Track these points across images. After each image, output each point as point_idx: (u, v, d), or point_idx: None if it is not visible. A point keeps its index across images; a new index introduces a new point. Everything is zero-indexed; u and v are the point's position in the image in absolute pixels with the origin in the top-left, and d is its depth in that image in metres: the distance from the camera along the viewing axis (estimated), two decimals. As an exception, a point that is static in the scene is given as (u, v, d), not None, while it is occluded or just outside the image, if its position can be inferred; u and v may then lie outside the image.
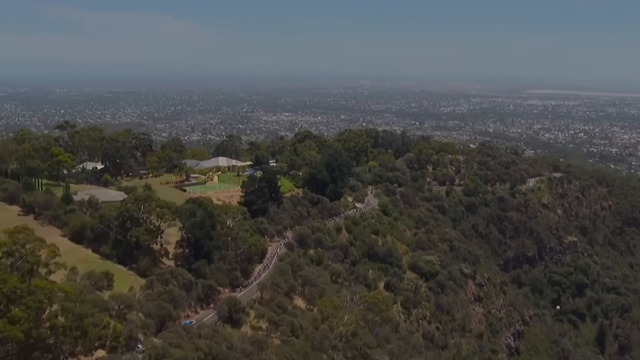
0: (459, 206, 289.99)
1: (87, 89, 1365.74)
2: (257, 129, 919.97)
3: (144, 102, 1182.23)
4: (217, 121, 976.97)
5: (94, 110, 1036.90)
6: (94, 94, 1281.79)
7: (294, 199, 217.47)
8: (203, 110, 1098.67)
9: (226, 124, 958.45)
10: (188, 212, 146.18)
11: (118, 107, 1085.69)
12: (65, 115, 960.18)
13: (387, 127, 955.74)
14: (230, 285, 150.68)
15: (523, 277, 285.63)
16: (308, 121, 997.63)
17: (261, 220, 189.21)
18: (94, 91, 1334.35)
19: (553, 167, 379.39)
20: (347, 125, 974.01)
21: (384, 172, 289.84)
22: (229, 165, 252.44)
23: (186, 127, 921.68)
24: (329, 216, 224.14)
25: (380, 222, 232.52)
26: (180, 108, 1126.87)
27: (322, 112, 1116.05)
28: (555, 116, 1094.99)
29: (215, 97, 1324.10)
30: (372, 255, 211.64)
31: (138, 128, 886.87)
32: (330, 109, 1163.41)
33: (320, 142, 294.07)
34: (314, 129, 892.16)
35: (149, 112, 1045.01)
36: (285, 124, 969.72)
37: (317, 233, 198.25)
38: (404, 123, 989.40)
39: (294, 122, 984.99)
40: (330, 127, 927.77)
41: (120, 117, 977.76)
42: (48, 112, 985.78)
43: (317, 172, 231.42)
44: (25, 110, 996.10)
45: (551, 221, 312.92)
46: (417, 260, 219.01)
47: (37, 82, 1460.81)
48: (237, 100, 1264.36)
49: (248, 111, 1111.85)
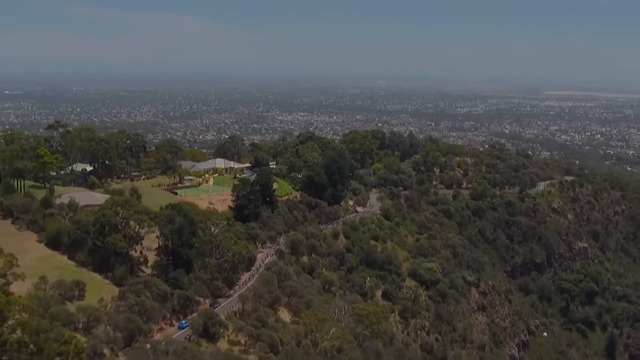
0: (465, 210, 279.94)
1: (104, 88, 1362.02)
2: (271, 128, 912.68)
3: (160, 101, 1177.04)
4: (232, 120, 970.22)
5: (109, 109, 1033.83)
6: (110, 93, 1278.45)
7: (289, 203, 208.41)
8: (219, 110, 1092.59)
9: (241, 123, 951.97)
10: (166, 219, 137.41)
11: (134, 106, 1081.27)
12: (81, 114, 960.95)
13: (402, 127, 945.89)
14: (212, 296, 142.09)
15: (531, 284, 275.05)
16: (323, 121, 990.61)
17: (252, 226, 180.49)
18: (111, 90, 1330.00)
19: (565, 170, 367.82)
20: (363, 126, 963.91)
21: (389, 175, 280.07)
22: (226, 167, 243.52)
23: (201, 126, 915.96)
24: (327, 221, 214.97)
25: (380, 228, 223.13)
26: (196, 107, 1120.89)
27: (338, 112, 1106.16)
28: (572, 117, 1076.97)
29: (232, 96, 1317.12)
30: (370, 262, 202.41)
31: (153, 127, 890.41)
32: (346, 109, 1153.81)
33: (324, 143, 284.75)
34: (329, 129, 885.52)
35: (164, 111, 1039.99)
36: (300, 123, 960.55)
37: (311, 239, 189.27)
38: (419, 124, 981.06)
39: (309, 121, 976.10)
40: (345, 127, 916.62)
41: (135, 116, 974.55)
42: (64, 111, 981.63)
43: (316, 176, 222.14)
44: (41, 109, 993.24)
45: (561, 226, 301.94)
46: (418, 267, 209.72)
47: (55, 81, 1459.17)
48: (253, 100, 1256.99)
49: (264, 110, 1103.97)
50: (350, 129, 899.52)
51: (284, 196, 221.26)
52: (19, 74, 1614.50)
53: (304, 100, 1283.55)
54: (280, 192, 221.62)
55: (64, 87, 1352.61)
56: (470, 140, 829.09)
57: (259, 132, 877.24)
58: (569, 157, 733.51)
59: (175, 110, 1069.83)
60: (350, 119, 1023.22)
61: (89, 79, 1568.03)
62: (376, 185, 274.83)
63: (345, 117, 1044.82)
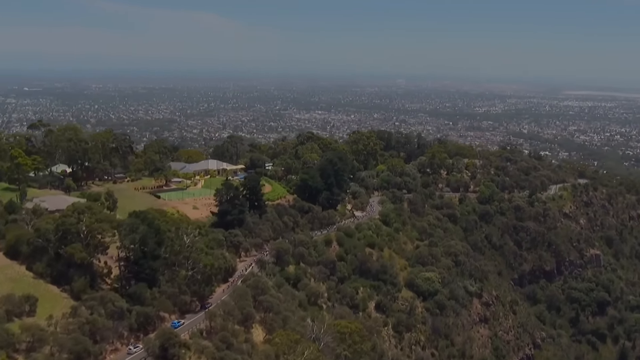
0: (472, 215, 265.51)
1: (122, 85, 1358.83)
2: (288, 126, 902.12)
3: (178, 99, 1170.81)
4: (249, 118, 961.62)
5: (127, 106, 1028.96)
6: (129, 90, 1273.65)
7: (279, 208, 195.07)
8: (236, 107, 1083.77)
9: (258, 121, 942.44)
10: (128, 228, 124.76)
11: (152, 103, 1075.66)
12: (98, 111, 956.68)
13: (419, 126, 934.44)
14: (180, 312, 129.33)
15: (539, 293, 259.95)
16: (340, 119, 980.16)
17: (235, 233, 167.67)
18: (129, 87, 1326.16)
19: (579, 172, 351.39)
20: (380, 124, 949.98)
21: (392, 178, 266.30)
22: (218, 168, 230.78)
23: (217, 124, 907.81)
24: (321, 227, 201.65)
25: (378, 234, 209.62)
26: (213, 105, 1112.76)
27: (355, 110, 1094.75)
28: (592, 118, 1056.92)
29: (250, 94, 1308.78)
30: (363, 271, 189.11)
31: (169, 124, 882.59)
32: (364, 108, 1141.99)
33: (325, 144, 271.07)
34: (345, 127, 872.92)
35: (182, 109, 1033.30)
36: (317, 122, 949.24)
37: (299, 247, 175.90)
38: (437, 123, 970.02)
39: (327, 120, 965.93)
40: (363, 125, 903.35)
41: (152, 113, 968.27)
42: (82, 108, 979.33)
43: (309, 179, 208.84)
44: (59, 105, 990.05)
45: (572, 232, 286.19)
46: (415, 277, 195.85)
47: (75, 78, 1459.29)
48: (271, 98, 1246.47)
49: (281, 109, 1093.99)
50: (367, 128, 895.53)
51: (277, 199, 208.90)
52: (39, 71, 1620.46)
53: (322, 99, 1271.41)
54: (273, 196, 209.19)
55: (83, 84, 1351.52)
56: (488, 140, 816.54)
57: (276, 130, 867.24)
58: (587, 157, 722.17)
59: (193, 107, 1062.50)
60: (367, 117, 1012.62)
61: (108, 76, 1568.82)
62: (379, 188, 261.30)
63: (362, 115, 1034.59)
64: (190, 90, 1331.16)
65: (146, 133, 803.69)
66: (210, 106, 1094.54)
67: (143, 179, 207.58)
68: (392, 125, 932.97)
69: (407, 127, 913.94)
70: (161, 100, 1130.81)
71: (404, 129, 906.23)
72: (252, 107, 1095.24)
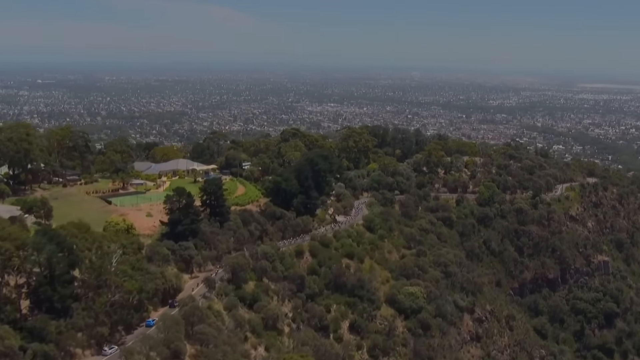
0: (469, 218, 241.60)
1: (136, 77, 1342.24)
2: (300, 119, 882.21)
3: (190, 91, 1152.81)
4: (260, 111, 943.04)
5: (139, 98, 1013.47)
6: (141, 82, 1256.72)
7: (245, 215, 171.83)
8: (248, 100, 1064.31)
9: (269, 113, 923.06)
10: (31, 249, 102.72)
11: (164, 96, 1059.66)
12: (110, 103, 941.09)
13: (432, 119, 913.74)
14: (97, 345, 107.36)
15: (541, 304, 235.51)
16: (353, 112, 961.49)
17: (186, 245, 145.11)
18: (142, 79, 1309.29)
19: (588, 171, 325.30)
20: (393, 117, 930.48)
21: (383, 177, 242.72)
22: (189, 168, 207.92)
23: (229, 116, 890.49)
24: (294, 235, 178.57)
25: (359, 242, 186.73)
26: (226, 97, 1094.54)
27: (368, 103, 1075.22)
28: (607, 111, 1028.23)
29: (263, 86, 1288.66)
30: (338, 285, 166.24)
31: (180, 117, 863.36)
32: (377, 100, 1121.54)
33: (311, 141, 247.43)
34: (357, 120, 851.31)
35: (194, 101, 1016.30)
36: (329, 114, 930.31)
37: (262, 260, 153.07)
38: (450, 116, 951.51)
39: (339, 113, 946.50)
40: (375, 118, 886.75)
41: (164, 106, 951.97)
42: (94, 100, 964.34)
43: (282, 181, 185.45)
44: (71, 98, 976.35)
45: (578, 237, 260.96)
46: (397, 292, 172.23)
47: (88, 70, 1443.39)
48: (284, 90, 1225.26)
49: (293, 101, 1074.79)
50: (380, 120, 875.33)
51: (248, 204, 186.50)
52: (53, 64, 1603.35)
53: (335, 91, 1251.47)
54: (244, 200, 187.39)
55: (97, 76, 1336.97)
56: (501, 133, 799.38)
57: (287, 123, 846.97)
58: (602, 151, 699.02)
59: (205, 100, 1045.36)
60: (380, 110, 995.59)
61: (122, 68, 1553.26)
62: (368, 189, 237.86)
63: (375, 108, 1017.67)
64: (203, 82, 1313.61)
65: (156, 125, 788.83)
66: (223, 99, 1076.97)
67: (100, 182, 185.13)
68: (404, 118, 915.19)
69: (419, 120, 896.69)
70: (173, 92, 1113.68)
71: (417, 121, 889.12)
72: (264, 99, 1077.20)
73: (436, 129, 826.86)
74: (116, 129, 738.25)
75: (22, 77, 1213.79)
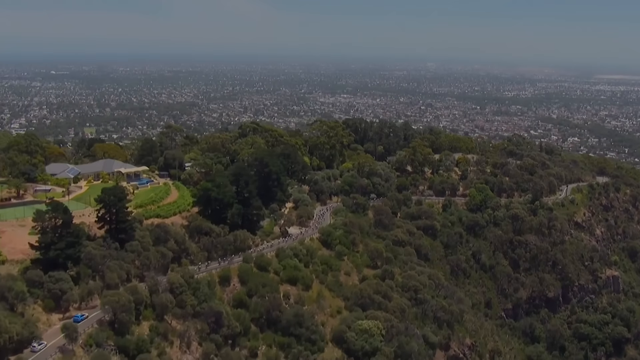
0: (457, 226, 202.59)
1: (150, 68, 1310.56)
2: (311, 110, 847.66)
3: (203, 82, 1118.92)
4: (272, 102, 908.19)
5: (151, 90, 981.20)
6: (155, 73, 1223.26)
7: (159, 231, 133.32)
8: (261, 91, 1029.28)
9: (281, 105, 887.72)
10: None
11: (176, 87, 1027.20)
12: (121, 94, 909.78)
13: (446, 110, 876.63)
14: None
15: (538, 328, 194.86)
16: (365, 103, 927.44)
17: (57, 277, 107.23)
18: (156, 70, 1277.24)
19: (598, 169, 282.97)
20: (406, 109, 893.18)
21: (357, 179, 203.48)
22: (115, 170, 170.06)
23: (239, 107, 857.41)
24: (224, 255, 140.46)
25: (309, 262, 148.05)
26: (238, 88, 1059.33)
27: (382, 94, 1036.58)
28: (624, 102, 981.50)
29: (276, 77, 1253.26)
30: (271, 321, 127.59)
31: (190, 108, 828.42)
32: (391, 91, 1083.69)
33: (274, 137, 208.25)
34: (370, 111, 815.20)
35: (205, 92, 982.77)
36: (341, 106, 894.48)
37: (163, 294, 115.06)
38: (464, 107, 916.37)
39: (351, 104, 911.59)
40: (387, 110, 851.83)
41: (175, 97, 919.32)
42: (105, 91, 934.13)
43: (213, 188, 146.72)
44: (83, 89, 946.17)
45: (584, 248, 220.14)
46: (348, 328, 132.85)
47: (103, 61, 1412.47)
48: (298, 81, 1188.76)
49: (306, 92, 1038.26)
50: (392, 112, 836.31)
51: (175, 214, 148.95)
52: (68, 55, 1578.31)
53: (349, 82, 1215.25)
54: (168, 210, 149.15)
55: (111, 67, 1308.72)
56: (515, 125, 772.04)
57: (298, 114, 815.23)
58: (618, 144, 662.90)
59: (217, 91, 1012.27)
60: (393, 101, 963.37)
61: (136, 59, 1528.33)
62: (339, 193, 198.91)
63: (388, 99, 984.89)
64: (217, 73, 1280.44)
65: (164, 117, 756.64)
66: (235, 89, 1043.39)
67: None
68: (417, 109, 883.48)
69: (432, 112, 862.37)
70: (186, 83, 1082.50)
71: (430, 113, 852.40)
72: (277, 90, 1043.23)
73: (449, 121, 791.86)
74: (124, 120, 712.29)
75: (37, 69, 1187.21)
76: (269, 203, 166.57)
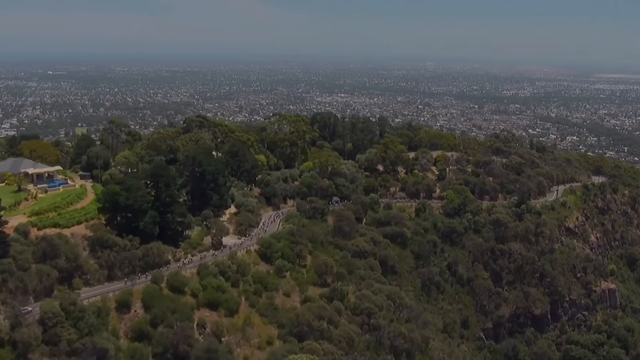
0: (430, 233, 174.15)
1: (147, 68, 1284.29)
2: (307, 109, 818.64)
3: (200, 81, 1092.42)
4: (268, 102, 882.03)
5: (147, 89, 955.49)
6: (152, 73, 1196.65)
7: (45, 245, 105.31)
8: (257, 91, 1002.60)
9: (277, 104, 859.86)
10: None
11: (173, 86, 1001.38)
12: (116, 94, 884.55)
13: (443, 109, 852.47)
14: None
15: (523, 350, 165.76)
16: (362, 102, 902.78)
17: None
18: (153, 70, 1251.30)
19: (594, 168, 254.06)
20: (403, 108, 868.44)
21: (317, 180, 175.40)
22: (22, 170, 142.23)
23: (235, 107, 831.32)
24: (130, 273, 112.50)
25: (239, 281, 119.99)
26: (235, 88, 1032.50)
27: (380, 93, 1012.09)
28: (623, 101, 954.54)
29: (274, 77, 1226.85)
30: (179, 357, 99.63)
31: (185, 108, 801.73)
32: (389, 91, 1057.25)
33: (224, 132, 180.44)
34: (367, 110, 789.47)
35: (202, 92, 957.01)
36: (339, 105, 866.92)
37: (30, 326, 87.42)
38: (462, 106, 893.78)
39: (348, 103, 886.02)
40: (385, 109, 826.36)
41: (171, 97, 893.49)
42: (101, 91, 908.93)
43: (122, 192, 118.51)
44: (79, 89, 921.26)
45: (577, 257, 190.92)
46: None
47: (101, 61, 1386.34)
48: (295, 81, 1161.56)
49: (303, 92, 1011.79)
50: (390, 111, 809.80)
51: (80, 223, 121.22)
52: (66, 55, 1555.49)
53: (347, 82, 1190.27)
54: (70, 218, 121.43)
55: (108, 67, 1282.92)
56: (513, 124, 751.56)
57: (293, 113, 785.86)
58: (617, 143, 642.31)
59: (214, 90, 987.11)
60: (391, 100, 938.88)
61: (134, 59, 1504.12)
62: (295, 195, 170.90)
63: (386, 98, 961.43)
64: (214, 73, 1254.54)
65: (158, 117, 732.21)
66: (232, 89, 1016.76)
67: None
68: (415, 108, 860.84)
69: (430, 111, 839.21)
70: (183, 83, 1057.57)
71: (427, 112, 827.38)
72: (274, 90, 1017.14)
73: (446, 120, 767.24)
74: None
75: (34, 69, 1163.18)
76: (204, 208, 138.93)
